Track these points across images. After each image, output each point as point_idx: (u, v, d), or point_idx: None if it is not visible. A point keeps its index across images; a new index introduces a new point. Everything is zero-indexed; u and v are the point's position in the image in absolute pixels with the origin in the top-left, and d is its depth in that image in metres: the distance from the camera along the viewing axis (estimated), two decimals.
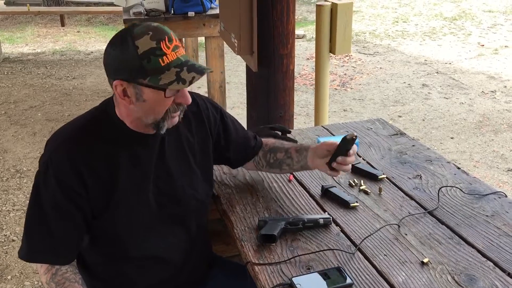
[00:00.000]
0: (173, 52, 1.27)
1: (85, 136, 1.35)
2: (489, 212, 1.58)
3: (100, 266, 1.49)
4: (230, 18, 2.74)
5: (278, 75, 2.56)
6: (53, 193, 1.31)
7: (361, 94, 5.40)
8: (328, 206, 1.62)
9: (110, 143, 1.36)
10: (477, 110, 4.90)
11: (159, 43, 1.25)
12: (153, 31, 1.25)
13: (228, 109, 4.75)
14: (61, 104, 5.13)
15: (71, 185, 1.31)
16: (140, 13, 3.93)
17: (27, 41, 7.71)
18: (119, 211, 1.37)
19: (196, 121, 1.53)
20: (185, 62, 1.28)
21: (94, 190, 1.33)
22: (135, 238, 1.42)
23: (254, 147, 1.68)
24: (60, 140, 1.36)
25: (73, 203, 1.32)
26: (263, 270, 1.33)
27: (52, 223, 1.33)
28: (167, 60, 1.26)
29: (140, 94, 1.29)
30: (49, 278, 1.34)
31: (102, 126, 1.37)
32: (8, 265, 2.78)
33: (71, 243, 1.36)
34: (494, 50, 6.86)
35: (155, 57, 1.25)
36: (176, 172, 1.46)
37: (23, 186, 3.57)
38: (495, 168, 3.82)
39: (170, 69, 1.26)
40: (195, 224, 1.53)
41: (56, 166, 1.31)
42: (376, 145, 2.05)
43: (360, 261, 1.37)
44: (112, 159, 1.35)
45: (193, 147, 1.51)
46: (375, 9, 9.58)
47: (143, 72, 1.25)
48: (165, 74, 1.25)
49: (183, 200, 1.47)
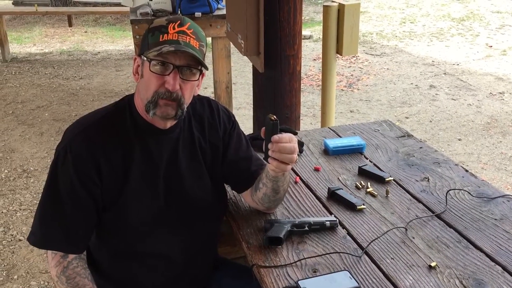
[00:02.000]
0: (176, 34, 1.31)
1: (105, 126, 1.38)
2: (497, 215, 1.56)
3: (105, 262, 1.49)
4: (237, 19, 2.73)
5: (285, 76, 2.56)
6: (70, 179, 1.33)
7: (368, 95, 5.38)
8: (334, 208, 1.61)
9: (127, 135, 1.39)
10: (485, 112, 4.86)
11: (168, 23, 1.32)
12: (173, 16, 1.30)
13: (234, 109, 4.75)
14: (68, 104, 5.15)
15: (88, 173, 1.33)
16: (147, 14, 3.94)
17: (35, 41, 7.75)
18: (129, 204, 1.38)
19: (209, 127, 1.53)
20: (179, 44, 1.30)
21: (108, 181, 1.35)
22: (141, 233, 1.43)
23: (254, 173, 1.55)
24: (81, 128, 1.37)
25: (88, 191, 1.34)
26: (269, 273, 1.32)
27: (67, 209, 1.34)
28: (166, 37, 1.30)
29: (142, 69, 1.36)
30: (60, 271, 1.35)
31: (122, 118, 1.40)
32: (15, 265, 2.79)
33: (83, 231, 1.38)
34: (503, 51, 6.82)
35: (158, 33, 1.32)
36: (187, 173, 1.46)
37: (30, 186, 3.59)
38: (503, 170, 3.79)
39: (164, 45, 1.29)
40: (203, 227, 1.52)
41: (75, 152, 1.33)
42: (383, 147, 2.04)
43: (367, 264, 1.36)
44: (127, 152, 1.38)
45: (205, 151, 1.51)
46: (382, 10, 9.55)
47: (146, 45, 1.33)
48: (157, 48, 1.29)
49: (191, 201, 1.47)
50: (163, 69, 1.32)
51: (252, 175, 1.55)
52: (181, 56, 1.31)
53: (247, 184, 1.56)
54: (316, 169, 1.86)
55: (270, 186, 1.47)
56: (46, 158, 3.99)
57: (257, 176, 1.54)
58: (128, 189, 1.37)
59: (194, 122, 1.50)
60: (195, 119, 1.51)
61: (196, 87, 1.42)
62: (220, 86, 4.31)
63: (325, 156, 1.97)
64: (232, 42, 2.91)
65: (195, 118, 1.51)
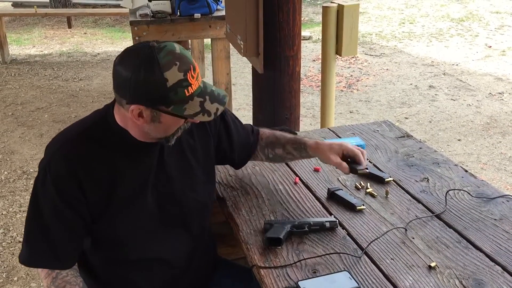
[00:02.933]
0: (196, 81, 1.27)
1: (84, 140, 1.34)
2: (497, 215, 1.56)
3: (102, 268, 1.48)
4: (236, 20, 2.73)
5: (284, 77, 2.56)
6: (51, 199, 1.30)
7: (367, 96, 5.38)
8: (334, 209, 1.61)
9: (109, 148, 1.35)
10: (484, 112, 4.87)
11: (186, 74, 1.24)
12: (179, 61, 1.24)
13: (234, 110, 4.75)
14: (68, 106, 5.15)
15: (69, 191, 1.30)
16: (147, 15, 3.94)
17: (34, 42, 7.75)
18: (118, 215, 1.36)
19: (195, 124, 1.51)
20: (205, 91, 1.30)
21: (92, 195, 1.32)
22: (135, 241, 1.42)
23: (253, 143, 1.69)
24: (58, 145, 1.34)
25: (72, 208, 1.31)
26: (269, 274, 1.32)
27: (52, 229, 1.32)
28: (191, 90, 1.26)
29: (157, 117, 1.28)
30: (49, 282, 1.34)
31: (102, 132, 1.36)
32: (15, 267, 2.79)
33: (70, 248, 1.36)
34: (502, 51, 6.82)
35: (182, 88, 1.24)
36: (176, 175, 1.45)
37: (30, 188, 3.58)
38: (502, 171, 3.80)
39: (194, 98, 1.27)
40: (198, 226, 1.52)
41: (54, 172, 1.30)
42: (382, 147, 2.04)
43: (366, 265, 1.36)
44: (111, 164, 1.34)
45: (195, 149, 1.50)
46: (382, 11, 9.55)
47: (167, 102, 1.24)
48: (189, 104, 1.26)
49: (183, 202, 1.46)
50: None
51: (252, 145, 1.68)
52: None
53: (250, 155, 1.70)
54: (316, 169, 1.87)
55: (295, 155, 1.66)
56: None
57: (255, 144, 1.68)
58: (115, 199, 1.34)
59: None
60: None
61: None
62: (220, 87, 4.31)
63: None
64: (232, 43, 2.91)
65: None
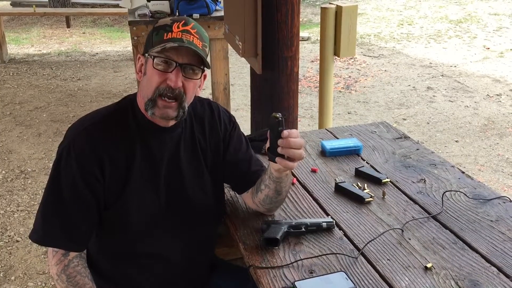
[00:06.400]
0: (180, 32, 1.32)
1: (108, 125, 1.39)
2: (493, 217, 1.57)
3: (104, 263, 1.49)
4: (235, 21, 2.74)
5: (283, 77, 2.56)
6: (72, 176, 1.33)
7: (365, 97, 5.39)
8: (331, 209, 1.62)
9: (129, 134, 1.39)
10: (482, 114, 4.88)
11: (173, 23, 1.35)
12: (177, 16, 1.31)
13: (233, 111, 4.75)
14: (66, 105, 5.15)
15: (91, 169, 1.34)
16: (145, 15, 3.94)
17: (33, 42, 7.74)
18: (130, 203, 1.38)
19: (209, 128, 1.53)
20: (183, 42, 1.31)
21: (110, 179, 1.36)
22: (141, 232, 1.43)
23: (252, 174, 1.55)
24: (84, 126, 1.38)
25: (90, 189, 1.35)
26: (266, 274, 1.33)
27: (69, 207, 1.35)
28: (170, 35, 1.31)
29: (145, 67, 1.37)
30: (60, 269, 1.36)
31: (124, 117, 1.41)
32: (12, 266, 2.79)
33: (85, 228, 1.38)
34: (500, 53, 6.83)
35: (163, 31, 1.33)
36: (188, 173, 1.47)
37: (28, 187, 3.58)
38: (500, 172, 3.81)
39: (168, 42, 1.30)
40: (202, 228, 1.53)
41: (78, 149, 1.34)
42: (380, 148, 2.05)
43: (363, 265, 1.36)
44: (130, 150, 1.38)
45: (206, 153, 1.52)
46: (380, 12, 9.57)
47: (151, 44, 1.34)
48: (161, 45, 1.30)
49: (192, 202, 1.47)
50: (166, 66, 1.33)
51: (252, 176, 1.55)
52: (184, 54, 1.32)
53: (247, 184, 1.57)
54: (313, 170, 1.87)
55: (273, 188, 1.47)
56: (44, 159, 3.99)
57: (257, 177, 1.54)
58: (129, 187, 1.38)
59: (195, 123, 1.51)
60: (196, 120, 1.51)
61: (198, 87, 1.43)
62: (218, 87, 4.32)
63: (322, 158, 1.97)
64: (230, 43, 2.91)
65: (196, 119, 1.51)
